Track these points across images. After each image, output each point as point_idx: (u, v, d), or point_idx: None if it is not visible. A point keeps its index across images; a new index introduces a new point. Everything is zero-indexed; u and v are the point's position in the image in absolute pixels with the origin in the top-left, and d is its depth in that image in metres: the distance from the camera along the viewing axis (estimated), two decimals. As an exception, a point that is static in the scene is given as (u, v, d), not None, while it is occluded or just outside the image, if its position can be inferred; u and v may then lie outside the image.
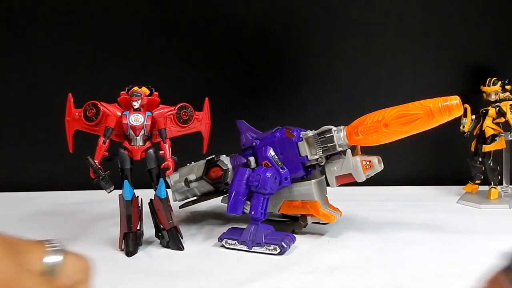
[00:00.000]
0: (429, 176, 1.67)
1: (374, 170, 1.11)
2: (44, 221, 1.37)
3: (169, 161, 1.11)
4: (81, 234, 1.23)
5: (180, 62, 1.67)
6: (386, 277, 0.93)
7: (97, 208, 1.46)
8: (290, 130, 1.16)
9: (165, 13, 1.65)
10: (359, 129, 1.08)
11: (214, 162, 1.24)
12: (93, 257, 1.13)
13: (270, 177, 1.11)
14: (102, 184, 1.07)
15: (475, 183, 1.48)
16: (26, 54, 1.69)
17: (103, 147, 1.09)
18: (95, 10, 1.65)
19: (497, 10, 1.57)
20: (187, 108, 1.18)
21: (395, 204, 1.45)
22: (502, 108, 1.40)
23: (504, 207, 1.38)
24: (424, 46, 1.60)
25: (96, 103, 1.11)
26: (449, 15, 1.58)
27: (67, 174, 1.68)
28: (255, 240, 1.08)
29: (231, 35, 1.64)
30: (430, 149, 1.67)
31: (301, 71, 1.65)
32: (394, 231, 1.19)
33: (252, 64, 1.65)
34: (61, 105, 1.14)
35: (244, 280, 0.94)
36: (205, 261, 1.05)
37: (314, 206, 1.15)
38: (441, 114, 1.01)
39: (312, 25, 1.63)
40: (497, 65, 1.53)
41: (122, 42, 1.66)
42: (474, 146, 1.46)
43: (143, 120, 1.10)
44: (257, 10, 1.63)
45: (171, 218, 1.12)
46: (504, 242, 1.10)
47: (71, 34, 1.66)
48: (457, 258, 1.02)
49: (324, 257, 1.04)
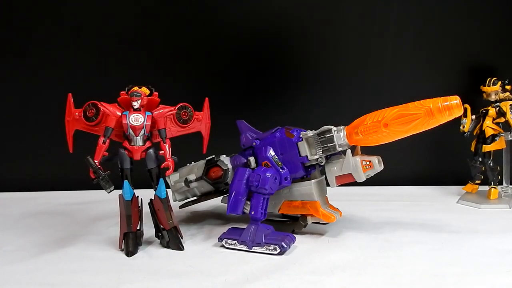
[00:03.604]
0: (429, 176, 1.67)
1: (374, 170, 1.11)
2: (44, 221, 1.37)
3: (169, 161, 1.11)
4: (81, 234, 1.23)
5: (180, 62, 1.67)
6: (386, 277, 0.93)
7: (97, 208, 1.47)
8: (290, 130, 1.16)
9: (165, 12, 1.65)
10: (359, 129, 1.08)
11: (214, 162, 1.24)
12: (93, 257, 1.14)
13: (270, 177, 1.11)
14: (102, 184, 1.06)
15: (475, 183, 1.48)
16: (26, 54, 1.69)
17: (103, 147, 1.09)
18: (95, 10, 1.65)
19: (497, 10, 1.57)
20: (187, 108, 1.18)
21: (395, 204, 1.45)
22: (502, 108, 1.40)
23: (504, 207, 1.38)
24: (424, 46, 1.60)
25: (96, 103, 1.11)
26: (449, 15, 1.58)
27: (67, 174, 1.69)
28: (255, 240, 1.08)
29: (232, 35, 1.64)
30: (430, 149, 1.67)
31: (301, 71, 1.65)
32: (394, 231, 1.19)
33: (252, 64, 1.65)
34: (61, 105, 1.14)
35: (244, 280, 0.93)
36: (205, 261, 1.05)
37: (314, 206, 1.15)
38: (441, 114, 1.01)
39: (312, 25, 1.63)
40: (497, 65, 1.53)
41: (122, 42, 1.66)
42: (474, 146, 1.46)
43: (143, 120, 1.10)
44: (257, 10, 1.63)
45: (171, 218, 1.12)
46: (504, 242, 1.10)
47: (71, 34, 1.66)
48: (457, 258, 1.02)
49: (324, 257, 1.04)
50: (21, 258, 1.08)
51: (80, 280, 0.96)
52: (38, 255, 1.09)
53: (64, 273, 0.99)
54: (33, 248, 1.14)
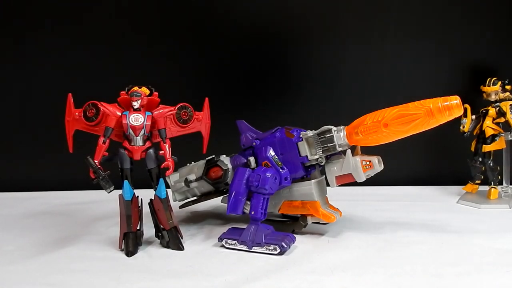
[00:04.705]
0: (429, 176, 1.68)
1: (374, 170, 1.11)
2: (44, 221, 1.37)
3: (169, 161, 1.11)
4: (81, 234, 1.23)
5: (180, 62, 1.67)
6: (386, 277, 0.93)
7: (97, 208, 1.47)
8: (290, 130, 1.16)
9: (165, 12, 1.65)
10: (359, 129, 1.08)
11: (214, 162, 1.24)
12: (93, 257, 1.14)
13: (270, 177, 1.11)
14: (102, 184, 1.06)
15: (475, 183, 1.48)
16: (26, 54, 1.69)
17: (103, 147, 1.09)
18: (95, 10, 1.65)
19: (497, 10, 1.57)
20: (187, 108, 1.18)
21: (395, 204, 1.45)
22: (502, 108, 1.40)
23: (504, 207, 1.38)
24: (424, 46, 1.60)
25: (96, 103, 1.11)
26: (449, 15, 1.58)
27: (67, 174, 1.69)
28: (255, 240, 1.08)
29: (232, 35, 1.64)
30: (430, 149, 1.67)
31: (301, 71, 1.65)
32: (394, 231, 1.19)
33: (252, 64, 1.65)
34: (61, 105, 1.14)
35: (244, 280, 0.93)
36: (205, 261, 1.05)
37: (314, 206, 1.15)
38: (441, 114, 1.01)
39: (312, 25, 1.63)
40: (497, 65, 1.53)
41: (122, 42, 1.66)
42: (474, 146, 1.46)
43: (143, 120, 1.10)
44: (257, 10, 1.63)
45: (171, 218, 1.12)
46: (504, 242, 1.10)
47: (71, 34, 1.66)
48: (457, 258, 1.02)
49: (324, 257, 1.04)
50: (21, 258, 1.08)
51: (80, 280, 0.96)
52: (38, 255, 1.09)
53: (64, 273, 0.99)
54: (33, 248, 1.14)
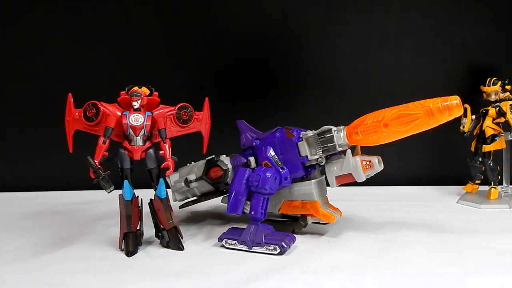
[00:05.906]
0: (429, 176, 1.67)
1: (374, 170, 1.11)
2: (44, 221, 1.37)
3: (169, 161, 1.11)
4: (81, 234, 1.23)
5: (180, 62, 1.67)
6: (386, 277, 0.93)
7: (97, 208, 1.47)
8: (290, 130, 1.16)
9: (165, 13, 1.65)
10: (359, 129, 1.08)
11: (214, 162, 1.24)
12: (93, 257, 1.14)
13: (270, 177, 1.11)
14: (102, 184, 1.06)
15: (475, 183, 1.48)
16: (26, 53, 1.69)
17: (103, 147, 1.09)
18: (95, 10, 1.65)
19: (497, 10, 1.57)
20: (187, 108, 1.18)
21: (395, 204, 1.45)
22: (502, 108, 1.40)
23: (504, 207, 1.38)
24: (424, 46, 1.60)
25: (96, 103, 1.11)
26: (450, 15, 1.58)
27: (67, 174, 1.69)
28: (255, 240, 1.08)
29: (231, 35, 1.64)
30: (430, 149, 1.67)
31: (301, 71, 1.65)
32: (394, 231, 1.19)
33: (252, 64, 1.65)
34: (61, 105, 1.14)
35: (244, 280, 0.93)
36: (205, 261, 1.05)
37: (314, 206, 1.15)
38: (441, 114, 1.01)
39: (312, 26, 1.63)
40: (497, 65, 1.53)
41: (122, 42, 1.66)
42: (474, 146, 1.46)
43: (143, 120, 1.10)
44: (257, 11, 1.63)
45: (171, 218, 1.12)
46: (504, 242, 1.10)
47: (71, 33, 1.66)
48: (457, 258, 1.02)
49: (324, 257, 1.04)
50: (21, 258, 1.08)
51: (80, 280, 0.96)
52: (38, 255, 1.09)
53: (64, 273, 0.99)
54: (33, 248, 1.14)
